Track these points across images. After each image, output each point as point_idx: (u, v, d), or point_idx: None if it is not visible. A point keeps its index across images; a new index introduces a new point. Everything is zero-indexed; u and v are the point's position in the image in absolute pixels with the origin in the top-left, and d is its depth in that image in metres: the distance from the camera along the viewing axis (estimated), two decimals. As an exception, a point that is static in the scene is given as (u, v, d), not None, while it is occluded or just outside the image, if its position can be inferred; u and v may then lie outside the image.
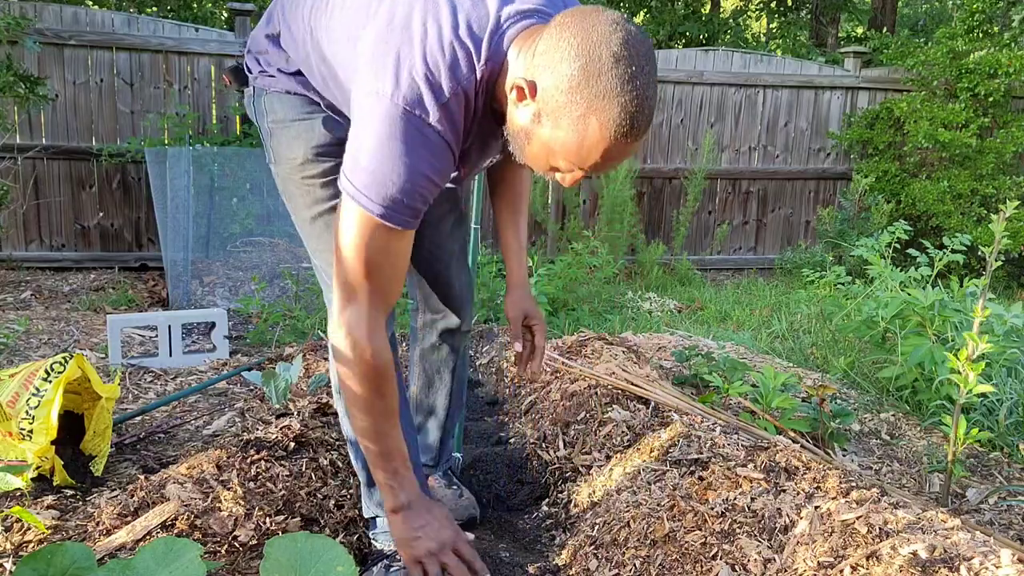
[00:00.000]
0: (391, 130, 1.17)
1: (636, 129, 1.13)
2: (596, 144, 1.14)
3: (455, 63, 1.18)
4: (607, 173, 1.05)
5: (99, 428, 1.98)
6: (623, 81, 1.10)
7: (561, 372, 2.73)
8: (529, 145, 1.22)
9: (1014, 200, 1.98)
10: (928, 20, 16.17)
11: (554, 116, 1.15)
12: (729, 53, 6.82)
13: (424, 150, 1.18)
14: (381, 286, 1.27)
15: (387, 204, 1.19)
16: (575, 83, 1.11)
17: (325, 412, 2.27)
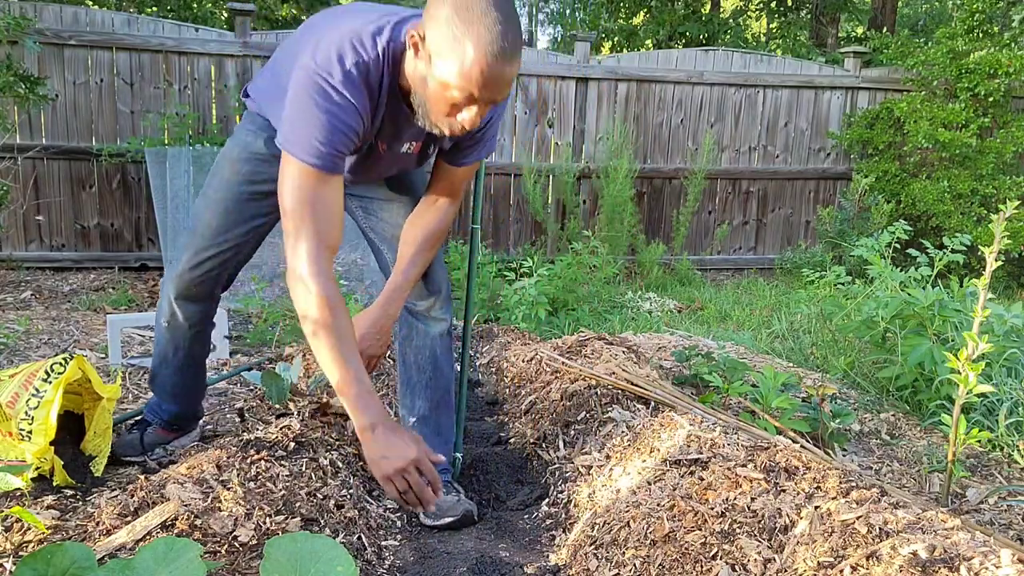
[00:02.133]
0: (307, 90, 1.47)
1: (504, 48, 1.38)
2: (475, 63, 1.38)
3: (359, 41, 1.49)
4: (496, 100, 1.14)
5: (100, 428, 1.99)
6: (486, 11, 1.36)
7: (561, 372, 2.73)
8: (427, 90, 1.46)
9: (1014, 200, 1.98)
10: (928, 20, 16.17)
11: (438, 51, 1.40)
12: (729, 53, 6.82)
13: (333, 106, 1.47)
14: (318, 228, 1.50)
15: (311, 151, 1.47)
16: (449, 18, 1.37)
17: (325, 412, 2.28)
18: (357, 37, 1.50)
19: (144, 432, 2.16)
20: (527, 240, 6.58)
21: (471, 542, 1.86)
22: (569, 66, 6.43)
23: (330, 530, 1.68)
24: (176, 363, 2.10)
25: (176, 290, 1.97)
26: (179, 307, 2.00)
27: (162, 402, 2.17)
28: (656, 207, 6.83)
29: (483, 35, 1.37)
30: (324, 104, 1.47)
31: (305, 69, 1.49)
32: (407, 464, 1.51)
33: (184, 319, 2.02)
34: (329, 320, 1.49)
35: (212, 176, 1.94)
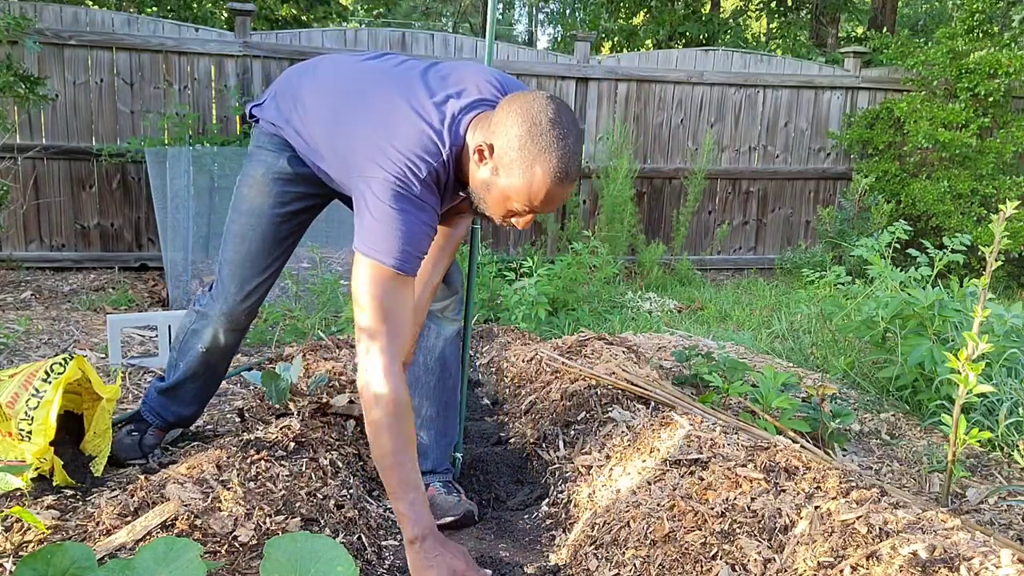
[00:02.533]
0: (389, 200, 1.51)
1: (568, 175, 1.49)
2: (541, 187, 1.48)
3: (428, 151, 1.54)
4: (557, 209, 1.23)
5: (99, 429, 1.98)
6: (557, 139, 1.46)
7: (561, 372, 2.73)
8: (489, 194, 1.56)
9: (1014, 200, 1.98)
10: (928, 20, 16.17)
11: (508, 168, 1.49)
12: (729, 53, 6.82)
13: (416, 210, 1.53)
14: (394, 329, 1.52)
15: (397, 255, 1.50)
16: (523, 142, 1.46)
17: (325, 412, 2.28)
18: (423, 145, 1.54)
19: (144, 435, 2.15)
20: (527, 240, 6.58)
21: (471, 542, 1.86)
22: (569, 66, 6.43)
23: (330, 530, 1.68)
24: (205, 378, 2.13)
25: (228, 324, 2.00)
26: (226, 337, 2.03)
27: (171, 405, 2.15)
28: (656, 207, 6.83)
29: (553, 163, 1.46)
30: (409, 210, 1.51)
31: (380, 181, 1.52)
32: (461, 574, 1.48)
33: (226, 346, 2.05)
34: (395, 424, 1.49)
35: (239, 203, 1.94)
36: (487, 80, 1.66)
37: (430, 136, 1.55)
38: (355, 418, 2.33)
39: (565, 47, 15.03)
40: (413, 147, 1.54)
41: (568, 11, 18.85)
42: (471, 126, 1.58)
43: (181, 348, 2.09)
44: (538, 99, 1.50)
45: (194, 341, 2.05)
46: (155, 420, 2.16)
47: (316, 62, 1.87)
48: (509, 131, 1.48)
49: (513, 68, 6.30)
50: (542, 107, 1.48)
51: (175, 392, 2.14)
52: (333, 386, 2.56)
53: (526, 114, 1.47)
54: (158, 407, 2.16)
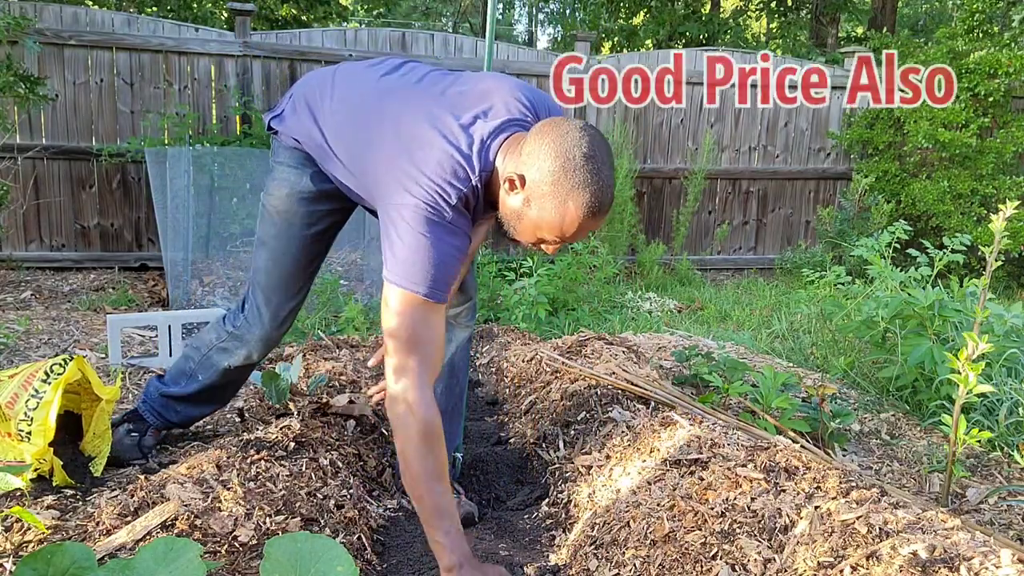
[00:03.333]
0: (421, 227, 1.47)
1: (602, 209, 1.48)
2: (573, 221, 1.47)
3: (457, 177, 1.51)
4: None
5: (99, 430, 1.98)
6: (591, 174, 1.44)
7: (561, 372, 2.73)
8: (520, 223, 1.54)
9: (1014, 200, 1.98)
10: (928, 20, 16.17)
11: (540, 202, 1.47)
12: (729, 53, 6.82)
13: (447, 236, 1.50)
14: (427, 357, 1.49)
15: (428, 283, 1.47)
16: (556, 177, 1.44)
17: (325, 412, 2.28)
18: (453, 171, 1.51)
19: (143, 436, 2.12)
20: (527, 240, 6.58)
21: (471, 542, 1.86)
22: (569, 66, 6.43)
23: (330, 530, 1.68)
24: (226, 388, 2.12)
25: (264, 347, 2.00)
26: (259, 355, 2.03)
27: (178, 407, 2.12)
28: (656, 207, 6.83)
29: (587, 199, 1.44)
30: (441, 236, 1.49)
31: (411, 208, 1.49)
32: None
33: (257, 362, 2.06)
34: (428, 452, 1.47)
35: (267, 226, 1.91)
36: (515, 96, 1.62)
37: (459, 162, 1.52)
38: (355, 418, 2.33)
39: (565, 47, 15.03)
40: (443, 173, 1.50)
41: (568, 11, 18.85)
42: (501, 150, 1.55)
43: (202, 362, 2.05)
44: (572, 131, 1.46)
45: (221, 358, 2.02)
46: (156, 421, 2.14)
47: (332, 74, 1.81)
48: (542, 165, 1.45)
49: (513, 68, 6.30)
50: (576, 141, 1.44)
51: (188, 400, 2.11)
52: (333, 386, 2.56)
53: (560, 148, 1.44)
54: (160, 408, 2.13)
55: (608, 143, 1.51)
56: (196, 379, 2.08)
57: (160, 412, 2.12)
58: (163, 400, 2.13)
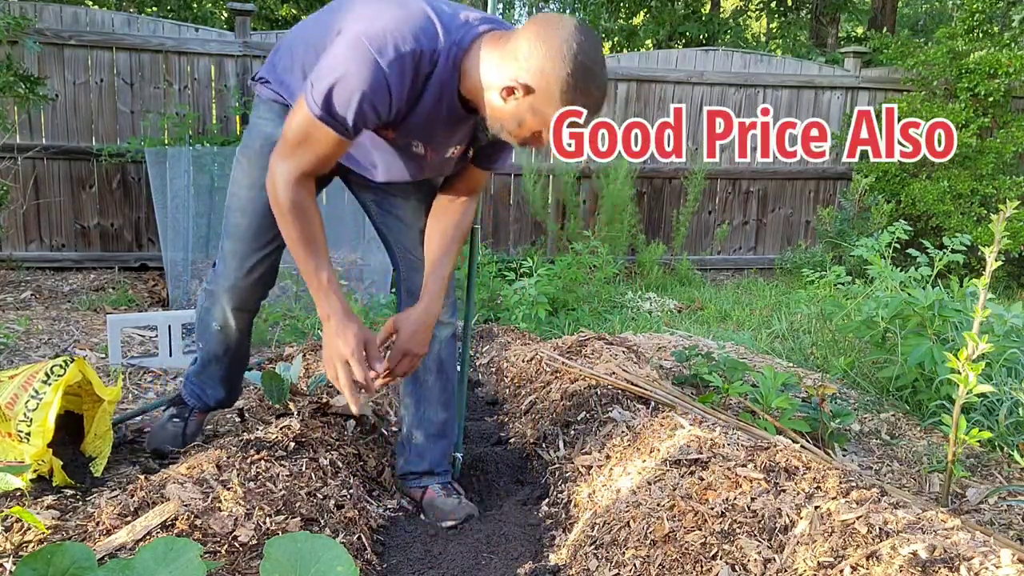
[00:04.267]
0: (349, 54, 1.46)
1: (600, 103, 1.58)
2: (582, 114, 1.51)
3: (422, 30, 1.48)
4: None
5: (100, 430, 1.98)
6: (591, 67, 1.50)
7: (561, 372, 2.73)
8: (516, 125, 1.56)
9: (1014, 200, 1.98)
10: (928, 20, 16.17)
11: (546, 107, 1.50)
12: (729, 53, 6.82)
13: (368, 77, 1.45)
14: (305, 162, 1.58)
15: (325, 109, 1.48)
16: (565, 85, 1.47)
17: (325, 412, 2.27)
18: (421, 26, 1.49)
19: (187, 422, 2.17)
20: (527, 240, 6.58)
21: (471, 542, 1.86)
22: (569, 66, 6.42)
23: (330, 530, 1.68)
24: (228, 358, 2.13)
25: (233, 301, 1.99)
26: (235, 317, 2.02)
27: (206, 387, 2.17)
28: (656, 207, 6.83)
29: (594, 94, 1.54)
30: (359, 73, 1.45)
31: (356, 34, 1.46)
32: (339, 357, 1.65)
33: (237, 327, 2.05)
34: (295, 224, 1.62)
35: (239, 176, 1.91)
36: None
37: (432, 20, 1.50)
38: (355, 418, 2.33)
39: (565, 47, 14.98)
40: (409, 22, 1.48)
41: (568, 11, 18.83)
42: (486, 41, 1.55)
43: (199, 329, 2.10)
44: (564, 24, 1.48)
45: (208, 320, 2.04)
46: (196, 403, 2.19)
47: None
48: (542, 65, 1.46)
49: (513, 68, 6.29)
50: (571, 33, 1.47)
51: (204, 374, 2.17)
52: (333, 386, 2.56)
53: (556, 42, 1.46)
54: (198, 389, 2.18)
55: (598, 36, 1.56)
56: (200, 349, 2.13)
57: (198, 393, 2.18)
58: (196, 381, 2.18)
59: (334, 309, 1.67)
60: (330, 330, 1.67)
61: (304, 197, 1.61)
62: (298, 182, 1.59)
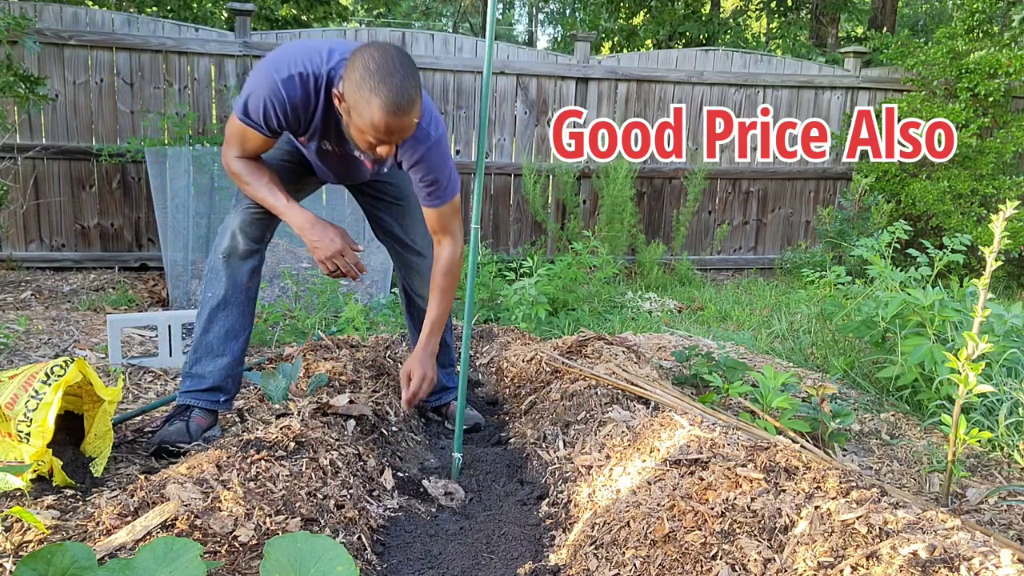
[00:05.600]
0: (259, 74, 2.00)
1: (400, 106, 1.81)
2: (380, 119, 1.82)
3: (310, 59, 1.99)
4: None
5: (100, 431, 1.98)
6: (385, 77, 1.79)
7: (561, 372, 2.73)
8: (350, 132, 1.94)
9: (1014, 200, 1.98)
10: (928, 20, 16.17)
11: (354, 108, 1.85)
12: (729, 53, 6.82)
13: (268, 90, 1.97)
14: (240, 150, 2.12)
15: (241, 111, 2.03)
16: (358, 83, 1.81)
17: (325, 412, 2.27)
18: (313, 55, 1.98)
19: (189, 419, 2.21)
20: (527, 240, 6.58)
21: (471, 542, 1.86)
22: (569, 66, 6.43)
23: (330, 530, 1.68)
24: (234, 300, 2.27)
25: (240, 221, 2.25)
26: (241, 237, 2.25)
27: (204, 365, 2.25)
28: (656, 207, 6.83)
29: (384, 96, 1.79)
30: (264, 86, 1.97)
31: (266, 58, 2.02)
32: (336, 251, 2.12)
33: (243, 249, 2.26)
34: (247, 175, 2.13)
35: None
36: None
37: (321, 52, 1.99)
38: (355, 418, 2.33)
39: (565, 47, 15.03)
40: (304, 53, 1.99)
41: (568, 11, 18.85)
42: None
43: (208, 277, 2.29)
44: (368, 48, 1.84)
45: (215, 259, 2.27)
46: (192, 400, 2.24)
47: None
48: (352, 76, 1.82)
49: (513, 68, 6.30)
50: (371, 55, 1.82)
51: (201, 344, 2.26)
52: (333, 386, 2.56)
53: (359, 61, 1.82)
54: (191, 386, 2.25)
55: (404, 55, 1.85)
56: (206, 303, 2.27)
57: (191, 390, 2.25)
58: (189, 380, 2.26)
59: (306, 217, 2.12)
60: (314, 234, 2.11)
61: (248, 162, 2.12)
62: (239, 159, 2.12)
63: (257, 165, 2.14)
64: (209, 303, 2.27)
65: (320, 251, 2.12)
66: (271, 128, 2.03)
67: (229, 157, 2.13)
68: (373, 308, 4.39)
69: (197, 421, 2.22)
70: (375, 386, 2.74)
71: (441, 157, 2.14)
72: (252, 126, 2.03)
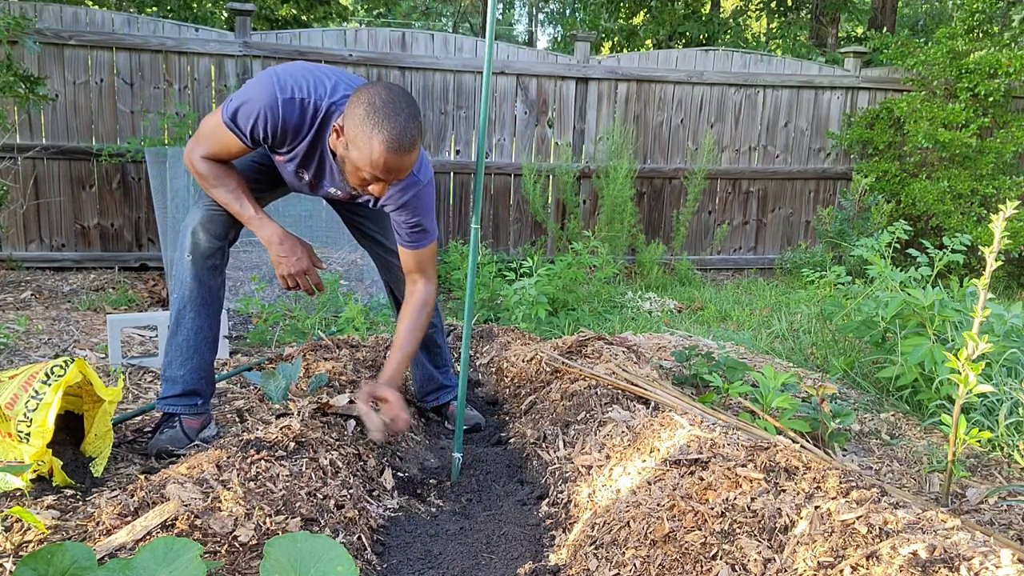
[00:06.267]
0: (260, 83, 1.96)
1: (402, 145, 1.81)
2: (380, 156, 1.81)
3: (315, 89, 1.97)
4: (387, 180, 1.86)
5: (100, 431, 1.98)
6: (390, 115, 1.80)
7: (561, 372, 2.74)
8: (345, 167, 1.92)
9: (1014, 200, 1.98)
10: (928, 20, 16.17)
11: (353, 143, 1.83)
12: (729, 53, 6.82)
13: (266, 104, 1.94)
14: (211, 152, 2.07)
15: (230, 115, 1.97)
16: (362, 119, 1.80)
17: (325, 412, 2.27)
18: (319, 84, 1.98)
19: (180, 424, 2.20)
20: (527, 240, 6.58)
21: (471, 542, 1.87)
22: (569, 66, 6.43)
23: (330, 530, 1.68)
24: (200, 299, 2.22)
25: (200, 218, 2.19)
26: (203, 234, 2.19)
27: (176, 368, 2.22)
28: (656, 207, 6.83)
29: (387, 133, 1.78)
30: (260, 99, 1.94)
31: (272, 71, 1.98)
32: (299, 270, 2.14)
33: (205, 247, 2.19)
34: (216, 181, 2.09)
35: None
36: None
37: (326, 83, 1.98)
38: (355, 418, 2.33)
39: (565, 47, 15.04)
40: (311, 78, 1.98)
41: (568, 11, 18.85)
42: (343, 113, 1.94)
43: (174, 278, 2.26)
44: (375, 86, 1.85)
45: (181, 257, 2.22)
46: (171, 407, 2.21)
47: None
48: (355, 112, 1.82)
49: (513, 68, 6.30)
50: (377, 91, 1.82)
51: (172, 346, 2.23)
52: (333, 386, 2.56)
53: (365, 97, 1.82)
54: (168, 391, 2.22)
55: (410, 97, 1.86)
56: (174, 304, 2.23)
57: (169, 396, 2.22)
58: (167, 386, 2.22)
59: (274, 231, 2.12)
60: (282, 250, 2.12)
61: (215, 165, 2.08)
62: (206, 160, 2.07)
63: (225, 169, 2.09)
64: (176, 304, 2.22)
65: (284, 267, 2.13)
66: (254, 139, 1.99)
67: (195, 156, 2.08)
68: (373, 308, 4.39)
69: (188, 424, 2.21)
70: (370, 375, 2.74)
71: (429, 201, 2.16)
72: (235, 132, 1.98)
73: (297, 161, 2.08)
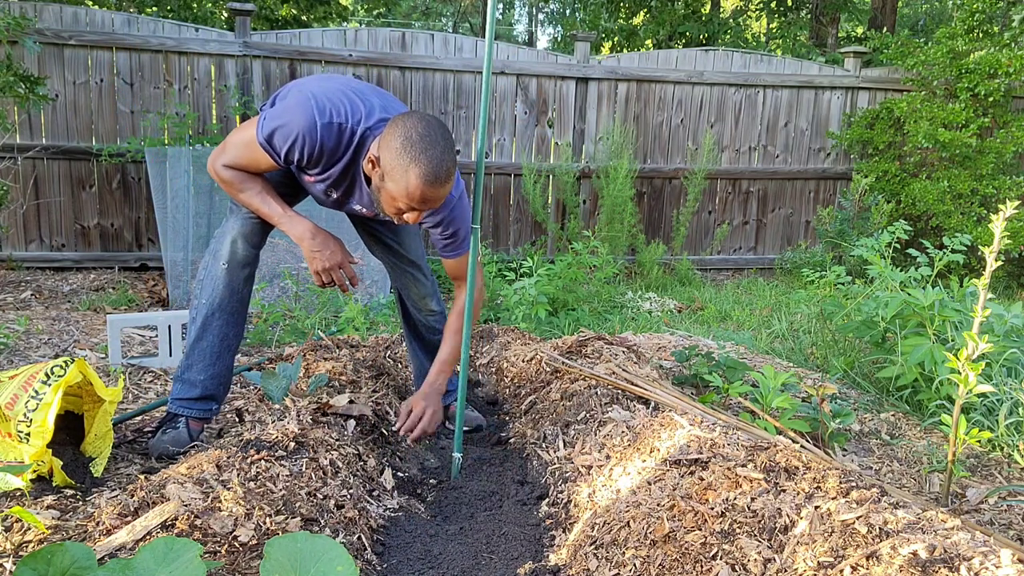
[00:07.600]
0: (300, 103, 1.95)
1: (438, 178, 1.83)
2: (416, 188, 1.83)
3: (354, 113, 1.97)
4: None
5: (100, 431, 1.98)
6: (426, 148, 1.81)
7: (561, 372, 2.74)
8: (381, 196, 1.93)
9: (1014, 200, 1.98)
10: (928, 20, 16.17)
11: (389, 173, 1.85)
12: (729, 53, 6.82)
13: (304, 128, 1.93)
14: (236, 160, 2.08)
15: (266, 135, 1.97)
16: (399, 152, 1.82)
17: (325, 412, 2.28)
18: (355, 109, 1.97)
19: (187, 426, 2.20)
20: (527, 240, 6.58)
21: (471, 542, 1.86)
22: (569, 66, 6.43)
23: (330, 530, 1.68)
24: (230, 308, 2.22)
25: (240, 228, 2.21)
26: (242, 243, 2.22)
27: (194, 373, 2.21)
28: (656, 207, 6.83)
29: (424, 166, 1.80)
30: (297, 120, 1.93)
31: (309, 92, 1.96)
32: (335, 264, 2.14)
33: (242, 256, 2.22)
34: (243, 185, 2.09)
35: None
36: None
37: (363, 108, 1.98)
38: (355, 418, 2.33)
39: (565, 47, 15.04)
40: (351, 102, 1.98)
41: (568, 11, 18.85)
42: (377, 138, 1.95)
43: (203, 283, 2.23)
44: (411, 118, 1.85)
45: (214, 266, 2.21)
46: (184, 410, 2.21)
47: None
48: (391, 144, 1.82)
49: (513, 68, 6.30)
50: (414, 123, 1.83)
51: (195, 351, 2.21)
52: (333, 386, 2.56)
53: (399, 130, 1.83)
54: (182, 393, 2.22)
55: (445, 128, 1.87)
56: (199, 311, 2.22)
57: (181, 397, 2.22)
58: (180, 386, 2.22)
59: (305, 227, 2.11)
60: (315, 245, 2.11)
61: (238, 172, 2.09)
62: (229, 168, 2.08)
63: (248, 174, 2.10)
64: (204, 309, 2.21)
65: (318, 262, 2.12)
66: (287, 160, 2.00)
67: (218, 164, 2.08)
68: (373, 308, 4.39)
69: (192, 426, 2.22)
70: (375, 386, 2.74)
71: (462, 212, 2.17)
72: (269, 152, 1.99)
73: (329, 182, 2.09)
